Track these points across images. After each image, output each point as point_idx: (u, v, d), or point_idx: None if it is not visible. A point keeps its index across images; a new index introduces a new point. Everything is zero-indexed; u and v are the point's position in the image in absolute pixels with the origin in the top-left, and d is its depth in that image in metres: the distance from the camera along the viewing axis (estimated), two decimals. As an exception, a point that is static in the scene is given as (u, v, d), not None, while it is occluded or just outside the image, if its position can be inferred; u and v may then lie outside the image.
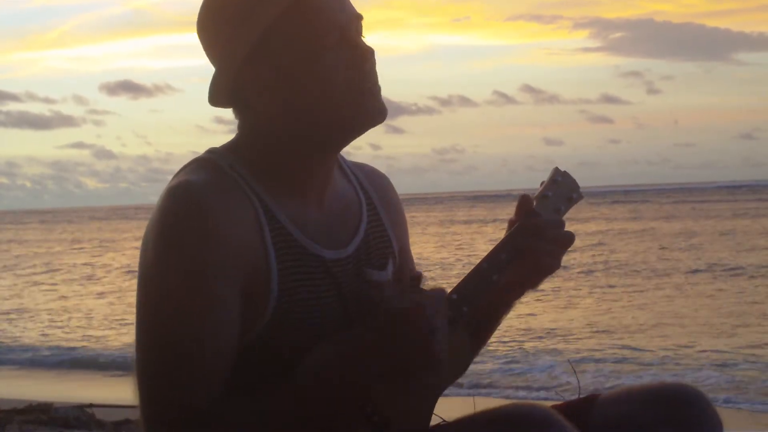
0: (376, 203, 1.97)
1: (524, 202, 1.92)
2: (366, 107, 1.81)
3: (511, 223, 1.94)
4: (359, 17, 1.83)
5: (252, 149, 1.83)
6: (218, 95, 1.83)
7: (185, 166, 1.84)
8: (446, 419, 1.92)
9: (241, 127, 1.86)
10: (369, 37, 1.85)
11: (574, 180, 1.97)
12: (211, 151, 1.85)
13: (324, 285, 1.82)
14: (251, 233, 1.75)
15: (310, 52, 1.77)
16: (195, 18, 1.86)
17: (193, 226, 1.70)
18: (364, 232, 1.92)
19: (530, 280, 1.94)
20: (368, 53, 1.81)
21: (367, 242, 1.92)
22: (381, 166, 2.07)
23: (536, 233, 1.89)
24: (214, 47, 1.83)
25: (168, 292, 1.71)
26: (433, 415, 1.94)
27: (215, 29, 1.82)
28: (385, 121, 1.86)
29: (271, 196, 1.80)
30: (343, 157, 1.98)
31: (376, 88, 1.82)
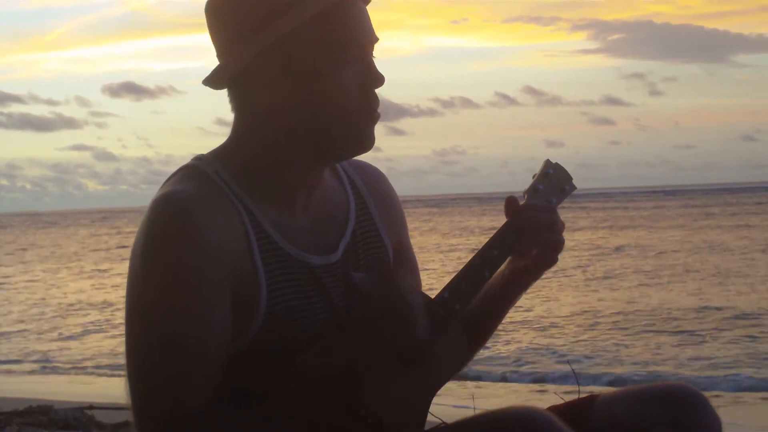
0: (367, 200, 1.96)
1: (510, 203, 1.90)
2: (364, 129, 1.82)
3: None
4: (375, 40, 1.84)
5: (240, 154, 1.83)
6: (220, 77, 1.81)
7: (172, 175, 1.84)
8: (446, 421, 1.92)
9: (236, 128, 1.85)
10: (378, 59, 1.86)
11: (567, 172, 1.94)
12: (198, 159, 1.85)
13: (311, 291, 1.82)
14: (238, 242, 1.76)
15: (331, 61, 1.78)
16: (194, 20, 1.89)
17: (180, 237, 1.71)
18: (351, 233, 1.91)
19: (527, 273, 1.92)
20: (380, 79, 1.82)
21: (355, 243, 1.91)
22: (381, 168, 2.06)
23: (528, 221, 1.87)
24: (232, 31, 1.80)
25: (156, 302, 1.71)
26: (433, 417, 1.94)
27: (240, 15, 1.79)
28: (387, 123, 1.86)
29: (256, 204, 1.80)
30: None
31: (376, 115, 1.83)
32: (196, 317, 1.70)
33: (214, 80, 1.82)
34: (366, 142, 1.83)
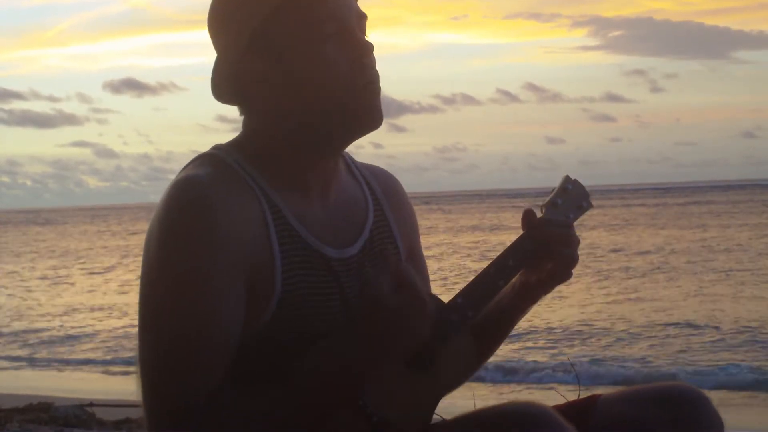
0: (383, 203, 1.97)
1: (528, 215, 1.92)
2: (363, 102, 1.80)
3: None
4: (362, 16, 1.83)
5: (255, 145, 1.83)
6: (221, 88, 1.84)
7: (191, 162, 1.84)
8: (445, 417, 1.92)
9: (245, 123, 1.86)
10: (368, 35, 1.85)
11: (585, 189, 1.96)
12: (217, 147, 1.85)
13: (327, 283, 1.82)
14: (256, 228, 1.75)
15: (310, 41, 1.78)
16: (194, 17, 1.91)
17: (198, 220, 1.70)
18: (369, 231, 1.91)
19: (542, 286, 1.93)
20: (368, 47, 1.81)
21: (371, 242, 1.91)
22: (382, 165, 2.07)
23: (545, 235, 1.88)
24: (218, 39, 1.84)
25: (172, 286, 1.70)
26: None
27: (218, 21, 1.83)
28: (388, 119, 1.85)
29: (276, 193, 1.80)
30: (351, 158, 1.98)
31: (374, 86, 1.81)
32: (209, 306, 1.69)
33: (215, 88, 1.85)
34: (368, 114, 1.81)
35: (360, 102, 1.80)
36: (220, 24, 1.83)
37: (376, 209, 1.95)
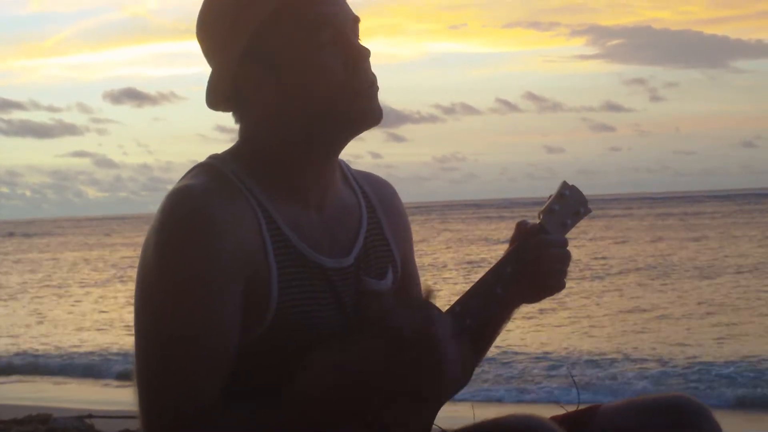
0: (378, 211, 1.97)
1: (525, 225, 1.93)
2: (361, 106, 1.80)
3: (513, 240, 1.94)
4: (356, 19, 1.84)
5: (252, 154, 1.83)
6: (216, 96, 1.84)
7: (188, 172, 1.84)
8: (445, 429, 1.92)
9: (242, 132, 1.86)
10: (366, 43, 1.85)
11: (582, 194, 1.97)
12: (213, 157, 1.85)
13: (323, 293, 1.82)
14: (252, 239, 1.75)
15: (305, 48, 1.78)
16: (194, 26, 1.87)
17: (194, 231, 1.70)
18: (363, 239, 1.91)
19: (531, 297, 1.95)
20: (364, 52, 1.81)
21: (366, 250, 1.91)
22: (381, 175, 2.07)
23: (540, 250, 1.89)
24: (211, 48, 1.84)
25: (167, 297, 1.70)
26: (433, 426, 1.93)
27: (212, 29, 1.83)
28: (387, 129, 1.85)
29: (272, 203, 1.80)
30: (347, 165, 1.98)
31: (372, 89, 1.82)
32: (207, 314, 1.70)
33: (210, 97, 1.85)
34: (366, 115, 1.81)
35: (358, 106, 1.80)
36: (212, 30, 1.83)
37: (371, 216, 1.95)
